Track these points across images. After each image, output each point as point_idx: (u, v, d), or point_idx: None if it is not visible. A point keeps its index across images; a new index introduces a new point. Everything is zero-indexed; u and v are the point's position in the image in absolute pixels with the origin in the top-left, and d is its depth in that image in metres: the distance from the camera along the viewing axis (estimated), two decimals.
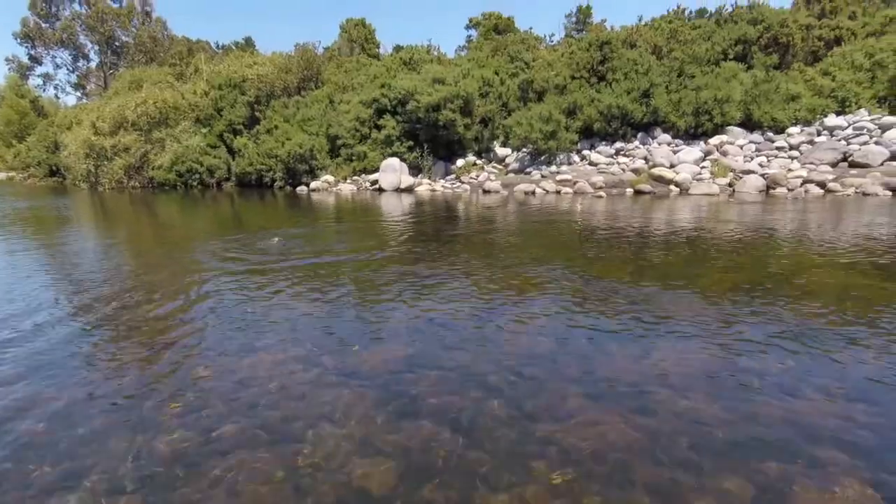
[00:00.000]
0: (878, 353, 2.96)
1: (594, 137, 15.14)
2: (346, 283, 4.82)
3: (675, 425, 2.27)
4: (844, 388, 2.56)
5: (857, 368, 2.78)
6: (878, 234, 6.50)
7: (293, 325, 3.68)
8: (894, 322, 3.43)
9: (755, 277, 4.65)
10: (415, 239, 7.35)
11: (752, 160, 12.86)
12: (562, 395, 2.56)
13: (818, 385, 2.60)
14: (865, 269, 4.86)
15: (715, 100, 13.60)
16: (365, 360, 3.07)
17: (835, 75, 14.17)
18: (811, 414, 2.34)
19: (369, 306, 4.12)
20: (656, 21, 18.46)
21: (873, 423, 2.26)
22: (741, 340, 3.20)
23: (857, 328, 3.34)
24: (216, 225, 10.20)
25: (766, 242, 6.31)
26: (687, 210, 9.51)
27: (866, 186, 10.53)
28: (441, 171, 16.21)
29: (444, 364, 2.98)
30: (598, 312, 3.82)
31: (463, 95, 15.32)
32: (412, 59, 18.66)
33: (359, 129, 17.08)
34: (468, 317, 3.80)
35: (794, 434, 2.18)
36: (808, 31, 15.71)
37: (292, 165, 17.43)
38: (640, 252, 5.97)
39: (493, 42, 19.82)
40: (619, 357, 3.03)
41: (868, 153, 11.76)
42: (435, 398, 2.59)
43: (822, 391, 2.54)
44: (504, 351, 3.18)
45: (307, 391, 2.69)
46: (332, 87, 19.63)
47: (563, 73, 16.44)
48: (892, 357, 2.91)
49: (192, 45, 30.70)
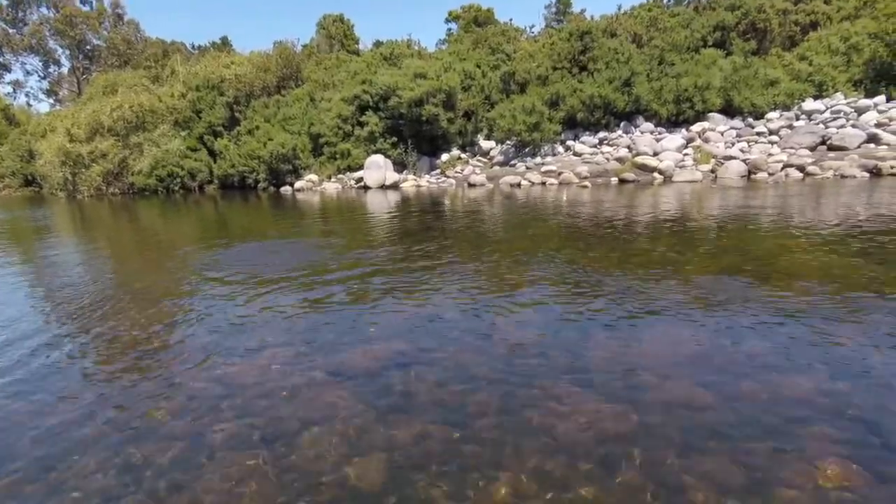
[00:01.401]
0: (857, 333, 3.00)
1: (578, 128, 15.18)
2: (334, 282, 4.76)
3: (665, 410, 2.29)
4: (828, 368, 2.60)
5: (839, 348, 2.82)
6: (856, 216, 6.60)
7: (281, 326, 3.62)
8: (873, 302, 3.48)
9: (739, 261, 4.69)
10: (402, 235, 7.29)
11: (733, 146, 12.99)
12: (552, 385, 2.57)
13: (802, 365, 2.64)
14: (844, 251, 4.93)
15: (695, 87, 13.70)
16: (355, 358, 3.05)
17: (812, 60, 14.36)
18: (796, 394, 2.38)
19: (359, 304, 4.08)
20: (636, 10, 18.52)
21: (855, 401, 2.30)
22: (728, 324, 3.23)
23: (838, 308, 3.39)
24: (199, 229, 10.03)
25: (749, 227, 6.37)
26: (671, 197, 9.58)
27: (844, 169, 10.70)
28: (426, 167, 16.13)
29: (435, 358, 2.98)
30: (587, 301, 3.83)
31: (445, 89, 15.24)
32: (393, 55, 18.49)
33: (341, 126, 16.91)
34: (457, 310, 3.79)
35: (781, 414, 2.21)
36: (785, 17, 15.88)
37: (275, 166, 17.22)
38: (627, 240, 5.99)
39: (474, 35, 19.72)
40: (608, 345, 3.04)
41: (845, 136, 11.95)
42: (426, 392, 2.58)
43: (806, 371, 2.58)
44: (494, 343, 3.18)
45: (298, 391, 2.66)
46: (312, 85, 19.39)
47: (544, 64, 16.42)
48: (871, 335, 2.94)
49: (166, 46, 30.06)
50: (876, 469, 1.85)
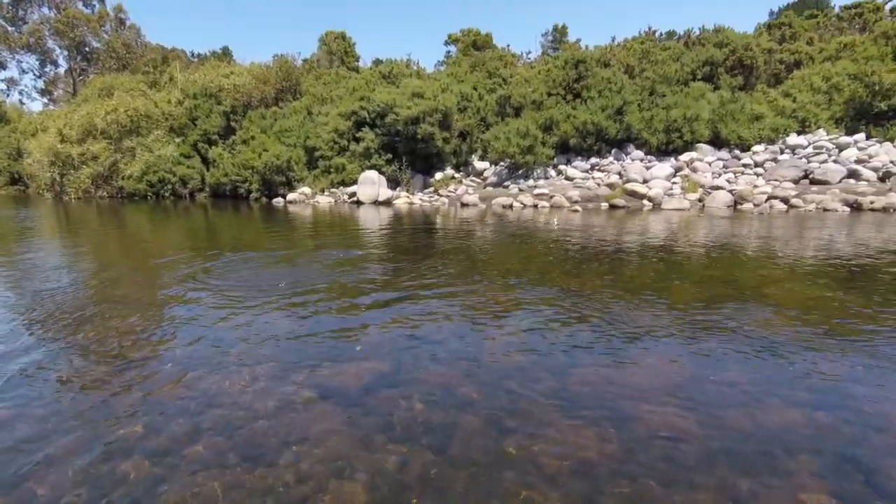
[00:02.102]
0: (838, 363, 3.08)
1: (570, 153, 15.47)
2: (322, 298, 4.75)
3: (649, 438, 2.31)
4: (809, 398, 2.66)
5: (819, 378, 2.90)
6: (837, 249, 6.80)
7: (265, 342, 3.59)
8: (853, 333, 3.58)
9: (725, 290, 4.80)
10: (392, 252, 7.33)
11: (720, 176, 13.33)
12: (538, 410, 2.58)
13: (784, 395, 2.70)
14: (826, 282, 5.08)
15: (685, 118, 14.09)
16: (339, 377, 3.02)
17: (795, 97, 14.88)
18: (778, 424, 2.42)
19: (346, 323, 4.06)
20: (629, 42, 19.10)
21: (836, 432, 2.35)
22: (712, 352, 3.29)
23: (820, 339, 3.48)
24: (187, 238, 9.97)
25: (735, 256, 6.53)
26: (660, 224, 9.77)
27: (826, 202, 11.03)
28: (419, 184, 16.27)
29: (420, 379, 2.96)
30: (575, 326, 3.87)
31: (442, 109, 15.48)
32: (391, 73, 18.78)
33: (337, 141, 17.04)
34: (445, 331, 3.78)
35: (763, 445, 2.25)
36: (770, 55, 16.49)
37: (269, 177, 17.22)
38: (615, 265, 6.09)
39: (472, 58, 20.13)
40: (594, 370, 3.07)
41: (827, 171, 12.34)
42: (410, 414, 2.57)
43: (788, 401, 2.64)
44: (481, 365, 3.18)
45: (279, 410, 2.63)
46: (310, 99, 19.56)
47: (539, 89, 16.79)
48: (851, 366, 3.03)
49: (166, 53, 30.15)
50: (857, 502, 1.90)
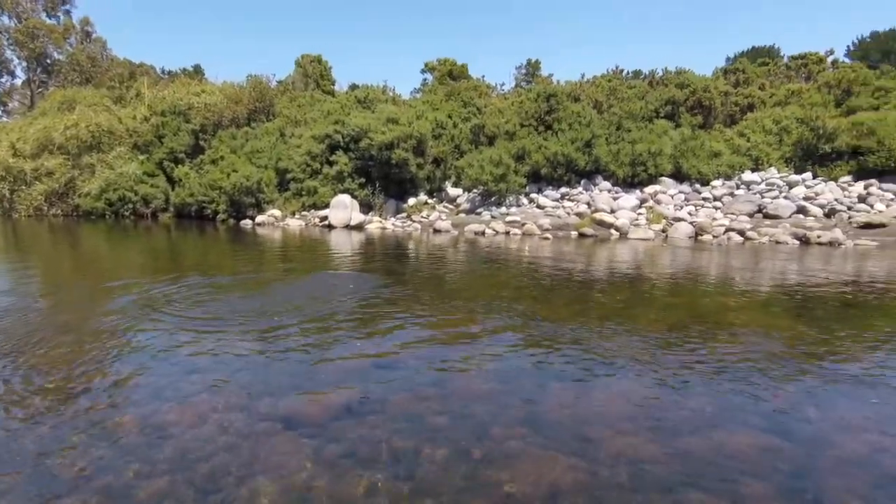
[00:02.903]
0: (792, 389, 3.22)
1: (541, 182, 15.88)
2: (286, 323, 4.62)
3: (614, 464, 2.34)
4: (765, 423, 2.77)
5: (774, 402, 3.01)
6: (789, 280, 7.18)
7: (225, 370, 3.44)
8: (803, 359, 3.76)
9: (687, 318, 4.96)
10: (363, 277, 7.25)
11: (682, 209, 13.92)
12: (506, 437, 2.57)
13: (740, 420, 2.80)
14: (779, 311, 5.33)
15: (649, 152, 14.75)
16: (305, 406, 2.94)
17: (749, 137, 15.85)
18: (734, 448, 2.50)
19: (311, 349, 3.96)
20: (598, 79, 20.00)
21: (788, 456, 2.45)
22: (675, 378, 3.38)
23: (773, 365, 3.63)
24: (147, 259, 9.60)
25: (696, 285, 6.78)
26: (626, 253, 10.07)
27: (778, 236, 11.66)
28: (392, 209, 16.29)
29: (388, 407, 2.91)
30: (543, 352, 3.91)
31: (416, 136, 15.69)
32: (367, 98, 18.97)
33: (310, 163, 16.95)
34: (414, 358, 3.74)
35: (720, 468, 2.32)
36: (727, 97, 17.59)
37: (237, 198, 16.89)
38: (584, 293, 6.22)
39: (448, 87, 20.60)
40: (562, 397, 3.10)
41: (778, 206, 13.10)
42: (377, 443, 2.51)
43: (744, 425, 2.74)
44: (450, 392, 3.15)
45: (240, 441, 2.51)
46: (284, 121, 19.47)
47: (512, 120, 17.29)
48: (801, 391, 3.17)
49: (134, 68, 29.55)
50: None
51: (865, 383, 3.32)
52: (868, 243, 10.98)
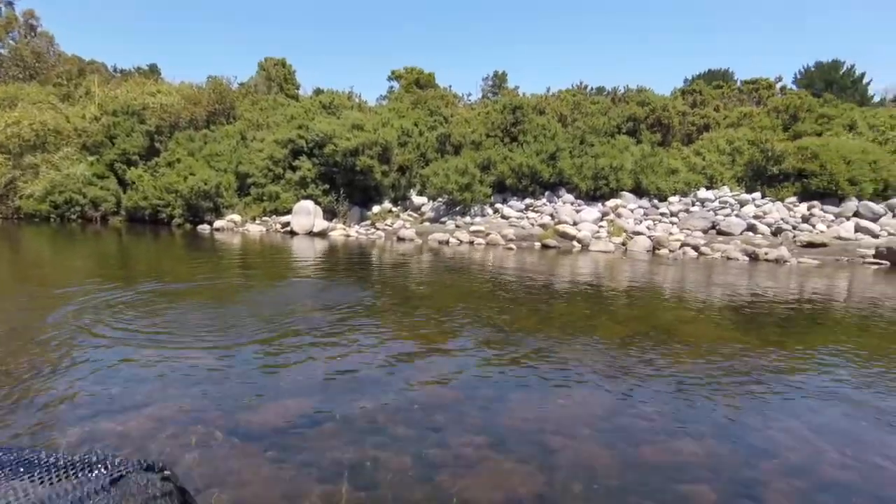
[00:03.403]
0: (738, 398, 3.31)
1: (506, 192, 16.02)
2: (245, 331, 4.43)
3: (570, 472, 2.39)
4: (711, 430, 2.87)
5: (721, 412, 3.10)
6: (739, 294, 7.43)
7: (177, 381, 3.27)
8: (749, 370, 3.87)
9: (643, 329, 5.04)
10: (325, 285, 7.05)
11: (641, 223, 14.32)
12: (466, 446, 2.58)
13: (691, 429, 2.88)
14: (728, 324, 5.49)
15: (611, 167, 15.14)
16: (261, 416, 2.82)
17: (704, 155, 16.52)
18: (686, 458, 2.58)
19: (271, 357, 3.83)
20: (562, 93, 20.46)
21: (733, 460, 2.56)
22: (630, 388, 3.44)
23: (722, 375, 3.73)
24: (95, 265, 9.05)
25: (653, 298, 6.92)
26: (587, 265, 10.23)
27: (730, 252, 12.13)
28: (356, 217, 16.05)
29: (348, 417, 2.85)
30: (505, 361, 3.91)
31: (382, 143, 15.56)
32: (332, 104, 18.71)
33: (272, 168, 16.52)
34: (376, 367, 3.69)
35: (671, 475, 2.39)
36: (684, 117, 18.32)
37: (194, 202, 16.24)
38: (546, 304, 6.23)
39: (414, 95, 20.60)
40: (522, 405, 3.13)
41: (730, 223, 13.66)
42: (336, 453, 2.46)
43: (694, 434, 2.82)
44: (411, 402, 3.12)
45: (191, 454, 2.39)
46: (245, 124, 18.94)
47: (479, 130, 17.42)
48: (749, 401, 3.25)
49: (83, 65, 28.13)
50: None
51: (804, 394, 3.46)
52: (810, 261, 11.57)
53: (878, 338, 5.32)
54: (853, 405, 3.30)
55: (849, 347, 4.77)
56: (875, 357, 4.46)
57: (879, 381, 3.79)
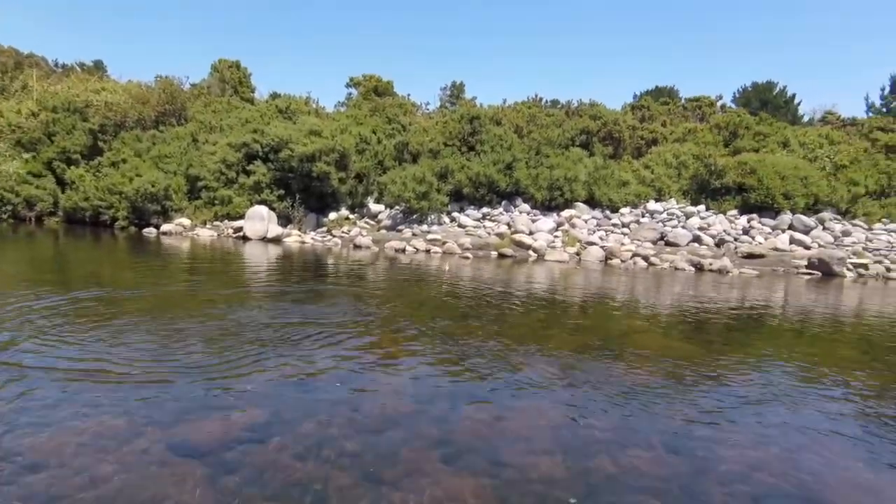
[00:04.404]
0: (685, 408, 3.41)
1: (463, 201, 16.14)
2: (190, 340, 4.21)
3: (523, 484, 2.39)
4: (659, 440, 2.92)
5: (668, 421, 3.18)
6: (685, 304, 7.77)
7: (112, 392, 3.06)
8: (698, 379, 4.03)
9: (595, 339, 5.17)
10: (277, 293, 6.84)
11: (594, 233, 14.76)
12: (417, 460, 2.54)
13: (639, 438, 2.93)
14: (675, 333, 5.72)
15: (565, 178, 15.55)
16: (204, 431, 2.69)
17: (653, 169, 17.27)
18: (633, 465, 2.62)
19: (218, 368, 3.66)
20: (518, 105, 20.92)
21: (679, 469, 2.62)
22: (583, 399, 3.49)
23: (670, 385, 3.85)
24: (30, 269, 8.39)
25: (604, 308, 7.12)
26: (542, 274, 10.42)
27: (677, 262, 12.70)
28: (312, 223, 15.72)
29: (297, 431, 2.76)
30: (459, 372, 3.89)
31: (339, 149, 15.35)
32: (289, 108, 18.31)
33: (225, 172, 15.95)
34: (326, 378, 3.60)
35: (622, 486, 2.43)
36: (634, 131, 19.12)
37: (140, 204, 15.45)
38: (501, 313, 6.28)
39: (373, 103, 20.50)
40: (475, 418, 3.11)
41: (677, 235, 14.31)
42: (284, 468, 2.37)
43: (643, 443, 2.87)
44: (363, 414, 3.05)
45: (126, 472, 2.26)
46: (197, 126, 18.22)
47: (437, 139, 17.51)
48: (696, 410, 3.36)
49: (21, 58, 26.36)
50: None
51: (747, 401, 3.61)
52: (750, 271, 12.28)
53: (810, 344, 5.68)
54: (792, 411, 3.47)
55: (785, 354, 5.06)
56: (809, 362, 4.74)
57: (814, 386, 4.02)
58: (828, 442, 3.04)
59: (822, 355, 5.14)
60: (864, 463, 2.80)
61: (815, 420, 3.35)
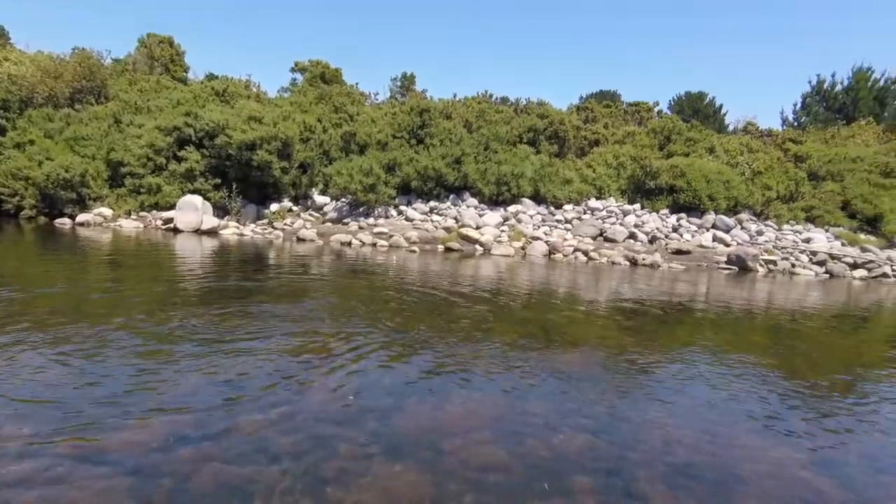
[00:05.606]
0: (616, 394, 3.57)
1: (411, 194, 16.00)
2: (110, 336, 3.83)
3: (463, 473, 2.41)
4: (591, 424, 3.04)
5: (601, 407, 3.31)
6: (621, 296, 8.13)
7: (12, 399, 2.73)
8: (629, 366, 4.20)
9: (536, 330, 5.27)
10: (212, 288, 6.42)
11: (539, 228, 15.12)
12: (356, 457, 2.47)
13: (573, 423, 3.04)
14: (611, 325, 5.95)
15: (512, 174, 15.81)
16: (125, 436, 2.47)
17: (595, 168, 17.95)
18: (566, 449, 2.73)
19: (141, 366, 3.36)
20: (468, 100, 21.01)
21: (607, 451, 2.75)
22: (523, 387, 3.55)
23: (603, 373, 4.01)
24: None
25: (546, 300, 7.29)
26: (489, 268, 10.53)
27: (614, 257, 13.28)
28: (252, 215, 14.99)
29: (229, 433, 2.59)
30: (402, 367, 3.82)
31: (282, 137, 14.70)
32: (226, 91, 17.31)
33: (153, 157, 14.83)
34: (263, 376, 3.39)
35: (554, 468, 2.52)
36: (578, 131, 19.77)
37: (52, 191, 14.03)
38: (447, 307, 6.25)
39: (319, 90, 19.81)
40: (418, 410, 3.09)
41: (615, 231, 14.97)
42: (212, 474, 2.22)
43: (576, 428, 2.98)
44: (300, 412, 2.92)
45: (28, 485, 2.04)
46: (120, 106, 16.79)
47: (385, 131, 17.22)
48: (626, 396, 3.51)
49: None
50: None
51: (670, 384, 3.83)
52: (678, 266, 13.07)
53: (727, 332, 6.11)
54: (709, 391, 3.73)
55: (706, 341, 5.42)
56: (725, 348, 5.10)
57: (729, 369, 4.32)
58: (737, 417, 3.31)
59: (737, 342, 5.58)
60: (766, 434, 3.08)
61: (728, 398, 3.63)
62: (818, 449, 2.93)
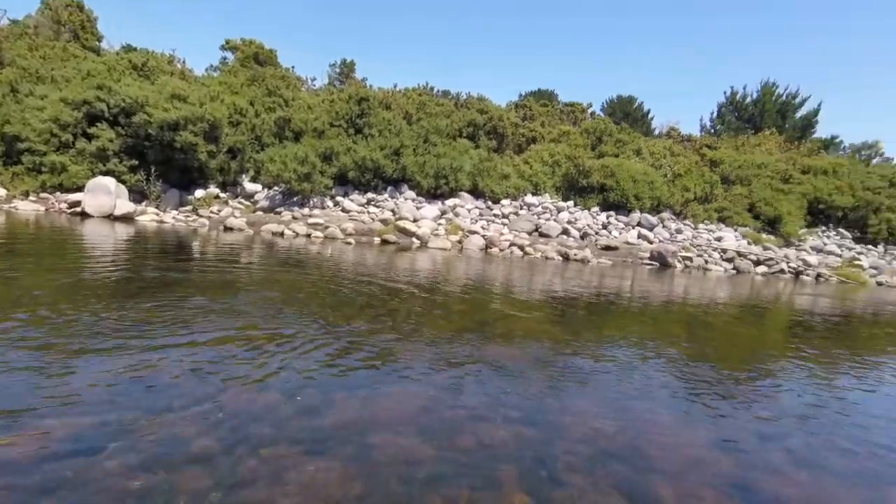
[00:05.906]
0: (544, 384, 3.68)
1: (348, 185, 15.63)
2: (10, 336, 3.39)
3: (390, 466, 2.39)
4: (518, 415, 3.11)
5: (528, 398, 3.39)
6: (553, 289, 8.44)
7: None
8: (556, 358, 4.35)
9: (470, 324, 5.32)
10: (128, 280, 5.89)
11: (476, 223, 15.34)
12: (280, 456, 2.37)
13: (501, 414, 3.09)
14: (542, 317, 6.15)
15: (451, 168, 15.88)
16: (18, 441, 2.23)
17: (532, 165, 18.47)
18: (493, 440, 2.77)
19: (43, 363, 3.02)
20: (409, 91, 20.80)
21: (533, 440, 2.82)
22: (453, 380, 3.56)
23: (533, 365, 4.12)
24: None
25: (481, 293, 7.41)
26: (425, 261, 10.52)
27: (548, 252, 13.76)
28: (174, 201, 13.97)
29: (144, 435, 2.40)
30: (332, 360, 3.71)
31: (209, 119, 13.79)
32: (146, 65, 15.93)
33: (58, 133, 13.38)
34: (183, 373, 3.16)
35: (481, 459, 2.55)
36: (516, 128, 20.22)
37: None
38: (381, 300, 6.17)
39: (252, 71, 18.76)
40: (346, 406, 3.01)
41: (550, 227, 15.52)
42: (120, 479, 2.04)
43: (504, 419, 3.03)
44: (222, 410, 2.75)
45: None
46: (17, 73, 14.98)
47: (322, 118, 16.65)
48: (553, 385, 3.63)
49: None
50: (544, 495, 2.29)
51: (594, 375, 4.00)
52: (606, 262, 13.79)
53: (648, 324, 6.52)
54: (629, 380, 3.95)
55: (629, 332, 5.74)
56: (646, 338, 5.44)
57: (649, 358, 4.61)
58: (655, 403, 3.53)
59: (657, 332, 5.98)
60: (680, 419, 3.32)
61: (647, 386, 3.87)
62: (724, 431, 3.20)
